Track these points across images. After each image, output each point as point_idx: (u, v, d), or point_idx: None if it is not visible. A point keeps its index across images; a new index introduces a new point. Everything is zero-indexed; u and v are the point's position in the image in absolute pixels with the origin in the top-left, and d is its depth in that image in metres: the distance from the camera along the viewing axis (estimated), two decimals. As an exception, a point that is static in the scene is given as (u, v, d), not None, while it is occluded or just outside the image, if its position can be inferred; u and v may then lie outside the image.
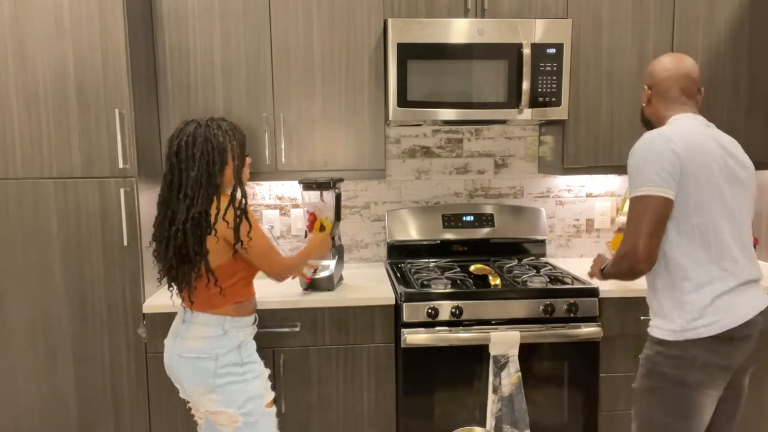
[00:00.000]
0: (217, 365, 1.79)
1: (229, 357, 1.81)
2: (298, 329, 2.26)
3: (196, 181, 1.74)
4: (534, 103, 2.42)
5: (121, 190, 2.18)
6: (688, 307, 1.62)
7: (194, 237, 1.73)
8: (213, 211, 1.75)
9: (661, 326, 1.67)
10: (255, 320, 1.97)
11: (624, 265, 1.66)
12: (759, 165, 2.64)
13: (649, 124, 1.88)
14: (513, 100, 2.42)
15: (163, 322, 2.20)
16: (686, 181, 1.61)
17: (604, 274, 1.81)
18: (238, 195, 1.79)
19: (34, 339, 2.23)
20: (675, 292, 1.65)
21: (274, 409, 1.91)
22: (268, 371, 1.92)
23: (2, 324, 2.22)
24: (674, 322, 1.64)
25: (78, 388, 2.26)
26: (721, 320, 1.59)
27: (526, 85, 2.38)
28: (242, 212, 1.78)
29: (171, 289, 1.87)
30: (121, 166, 2.17)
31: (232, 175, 1.82)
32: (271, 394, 1.90)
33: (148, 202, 2.29)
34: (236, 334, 1.84)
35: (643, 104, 1.87)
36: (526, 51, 2.36)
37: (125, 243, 2.19)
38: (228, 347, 1.81)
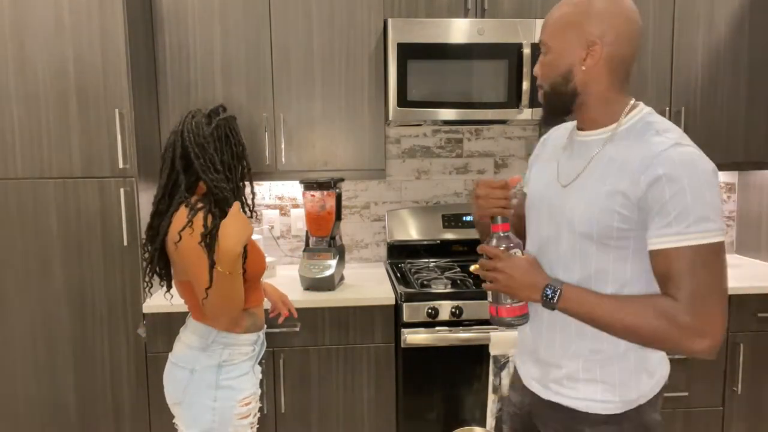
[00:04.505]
0: (190, 379, 1.61)
1: (204, 375, 1.60)
2: (298, 329, 2.26)
3: (224, 163, 1.55)
4: (534, 103, 2.42)
5: (121, 190, 2.18)
6: None
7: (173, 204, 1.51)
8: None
9: None
10: (257, 340, 1.71)
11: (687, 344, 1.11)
12: (759, 165, 2.64)
13: None
14: (513, 100, 2.42)
15: (163, 322, 2.21)
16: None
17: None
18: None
19: (34, 339, 2.23)
20: None
21: None
22: (255, 408, 1.68)
23: (2, 324, 2.22)
24: None
25: (78, 388, 2.26)
26: None
27: (526, 85, 2.37)
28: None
29: (149, 281, 1.66)
30: (121, 166, 2.17)
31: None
32: None
33: (148, 202, 2.27)
34: (219, 352, 1.61)
35: None
36: (526, 51, 2.36)
37: (125, 243, 2.19)
38: (206, 363, 1.61)
